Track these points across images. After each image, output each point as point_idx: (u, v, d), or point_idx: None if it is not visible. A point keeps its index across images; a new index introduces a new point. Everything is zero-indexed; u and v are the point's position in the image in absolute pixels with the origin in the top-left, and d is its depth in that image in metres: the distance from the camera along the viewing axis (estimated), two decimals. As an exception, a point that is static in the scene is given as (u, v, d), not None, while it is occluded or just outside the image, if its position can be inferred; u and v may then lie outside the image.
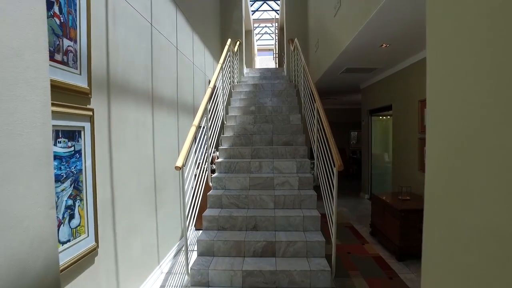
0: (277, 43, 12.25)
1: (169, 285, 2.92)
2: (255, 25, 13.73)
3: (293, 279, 2.70)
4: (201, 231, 3.31)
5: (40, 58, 1.02)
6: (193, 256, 3.40)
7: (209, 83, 5.33)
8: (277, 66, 11.82)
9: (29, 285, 0.96)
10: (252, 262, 2.84)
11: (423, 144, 4.15)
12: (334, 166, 2.78)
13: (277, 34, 12.14)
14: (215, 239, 3.01)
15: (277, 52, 12.19)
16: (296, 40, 6.35)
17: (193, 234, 4.21)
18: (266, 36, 15.87)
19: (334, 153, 2.83)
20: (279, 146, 4.30)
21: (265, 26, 14.73)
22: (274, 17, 12.61)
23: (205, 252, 3.01)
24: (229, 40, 6.09)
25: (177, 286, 2.87)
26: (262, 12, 13.13)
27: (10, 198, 0.91)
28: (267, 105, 5.40)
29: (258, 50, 16.54)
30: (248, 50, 10.90)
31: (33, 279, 0.98)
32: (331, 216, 2.95)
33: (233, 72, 6.31)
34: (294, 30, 7.69)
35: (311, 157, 4.16)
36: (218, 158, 4.27)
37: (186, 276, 2.95)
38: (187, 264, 2.82)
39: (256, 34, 14.97)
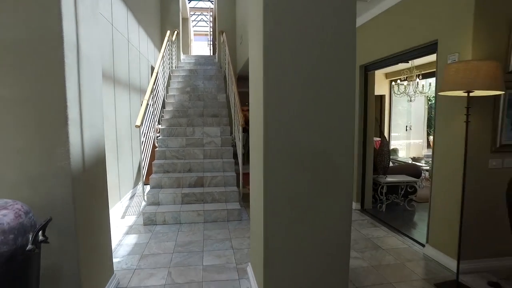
0: (211, 30, 13.48)
1: (132, 205, 4.32)
2: (192, 13, 14.73)
3: (215, 197, 4.29)
4: (152, 175, 4.70)
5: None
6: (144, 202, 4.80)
7: (151, 68, 6.59)
8: (211, 53, 13.10)
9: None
10: (188, 189, 4.36)
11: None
12: (241, 125, 4.40)
13: (211, 22, 13.36)
14: (162, 177, 4.46)
15: (211, 40, 13.44)
16: (224, 35, 7.82)
17: (141, 189, 5.56)
18: (202, 23, 16.92)
19: (239, 117, 4.44)
20: (208, 117, 5.80)
21: (201, 14, 15.79)
22: (209, 7, 13.79)
23: (156, 185, 4.44)
24: (168, 31, 7.33)
25: (138, 205, 4.30)
26: (198, 1, 14.19)
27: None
28: (200, 87, 6.83)
29: (195, 34, 17.53)
30: (184, 37, 12.00)
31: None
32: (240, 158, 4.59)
33: (171, 59, 7.56)
34: (224, 22, 9.06)
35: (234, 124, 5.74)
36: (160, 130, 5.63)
37: (143, 201, 4.37)
38: (143, 191, 4.24)
39: (193, 21, 15.95)
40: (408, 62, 3.75)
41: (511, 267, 2.72)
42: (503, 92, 2.28)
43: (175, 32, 8.27)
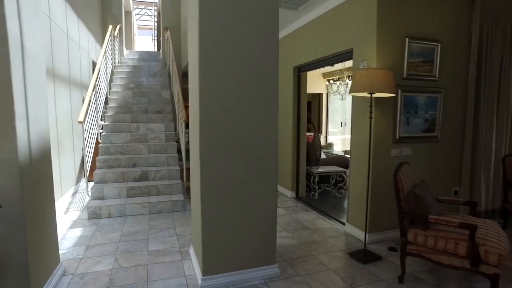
0: (155, 25, 13.28)
1: (75, 201, 4.34)
2: (135, 6, 14.35)
3: (160, 190, 4.47)
4: (96, 170, 4.72)
5: None
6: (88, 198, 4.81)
7: (93, 63, 6.48)
8: (155, 49, 12.92)
9: None
10: (133, 183, 4.48)
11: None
12: (184, 121, 4.62)
13: (155, 17, 13.17)
14: (107, 172, 4.52)
15: (156, 35, 13.25)
16: (168, 32, 7.89)
17: (84, 185, 5.51)
18: (146, 17, 16.51)
19: (183, 114, 4.66)
20: (153, 113, 5.91)
21: (145, 8, 15.43)
22: (153, 1, 13.56)
23: (100, 180, 4.49)
24: (110, 26, 7.22)
25: (82, 201, 4.32)
26: (141, -6, 13.86)
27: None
28: (144, 83, 6.87)
29: (139, 28, 17.04)
30: (128, 31, 11.70)
31: None
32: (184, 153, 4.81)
33: (114, 55, 7.45)
34: (169, 18, 9.07)
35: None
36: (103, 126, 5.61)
37: (87, 196, 4.40)
38: (87, 187, 4.28)
39: (136, 14, 15.51)
40: (333, 65, 4.26)
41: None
42: (394, 95, 2.83)
43: (118, 27, 8.13)
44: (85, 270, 2.67)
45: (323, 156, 5.86)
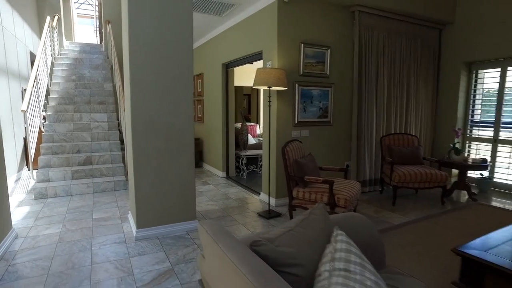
0: (97, 15, 13.14)
1: (19, 187, 4.69)
2: (74, -6, 14.00)
3: (103, 172, 4.98)
4: (40, 156, 5.08)
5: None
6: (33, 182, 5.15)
7: (31, 54, 6.64)
8: (98, 41, 12.84)
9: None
10: (77, 167, 4.94)
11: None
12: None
13: (97, 6, 13.03)
14: (51, 157, 4.92)
15: (97, 26, 13.13)
16: (110, 25, 8.16)
17: (26, 173, 5.79)
18: (86, 6, 16.12)
19: (123, 103, 5.18)
20: (95, 104, 6.30)
21: (85, -3, 15.08)
22: (93, -9, 13.35)
23: (45, 165, 4.88)
24: (48, 17, 7.33)
25: (26, 186, 4.69)
26: (81, -17, 13.59)
27: None
28: (86, 75, 7.16)
29: (79, 16, 16.55)
30: (67, 21, 11.52)
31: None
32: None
33: (54, 46, 7.57)
34: (111, 10, 9.22)
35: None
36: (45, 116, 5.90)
37: (32, 180, 4.77)
38: (32, 172, 4.66)
39: (76, 2, 15.11)
40: (252, 63, 5.05)
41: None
42: (286, 88, 3.70)
43: (56, 17, 8.19)
44: (36, 234, 3.19)
45: (255, 141, 6.70)
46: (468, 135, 5.48)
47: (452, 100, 5.37)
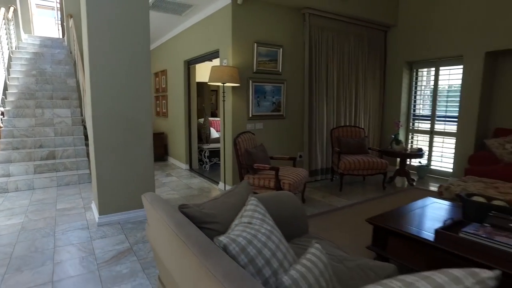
0: (58, 6, 12.78)
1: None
2: (33, -14, 13.51)
3: (67, 166, 5.09)
4: (-1, 152, 5.10)
5: None
6: (-6, 169, 5.16)
7: (-12, 49, 6.51)
8: (60, 35, 12.51)
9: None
10: (40, 162, 5.02)
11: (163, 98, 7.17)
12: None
13: None
14: (12, 152, 4.96)
15: (59, 19, 12.79)
16: (72, 20, 8.10)
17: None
18: (46, -2, 15.56)
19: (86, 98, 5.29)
20: (58, 100, 6.32)
21: (45, -12, 14.58)
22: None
23: (5, 160, 4.92)
24: (3, 9, 7.17)
25: (-14, 179, 4.72)
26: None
27: None
28: (48, 70, 7.12)
29: (38, 7, 15.94)
30: (24, 11, 11.14)
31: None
32: (89, 134, 5.45)
33: (10, 39, 7.42)
34: (72, 4, 9.07)
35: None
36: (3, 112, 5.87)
37: (-8, 175, 4.80)
38: (-7, 166, 4.70)
39: (35, -6, 14.56)
40: (211, 61, 5.31)
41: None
42: (239, 84, 4.02)
43: (12, 8, 7.98)
44: (-1, 224, 3.33)
45: (218, 135, 6.98)
46: (410, 128, 6.07)
47: (397, 96, 5.93)
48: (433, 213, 2.54)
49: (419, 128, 5.94)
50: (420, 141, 5.94)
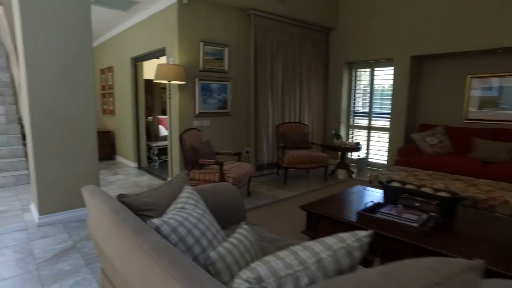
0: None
1: None
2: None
3: (2, 167, 4.79)
4: None
5: None
6: None
7: None
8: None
9: None
10: (-31, 163, 4.66)
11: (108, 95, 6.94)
12: (24, 104, 4.98)
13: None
14: None
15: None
16: (2, 8, 7.51)
17: None
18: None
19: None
20: (-10, 96, 5.88)
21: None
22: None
23: None
24: None
25: None
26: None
27: None
28: (-23, 65, 6.56)
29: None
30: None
31: None
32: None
33: None
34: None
35: (19, 104, 6.01)
36: None
37: None
38: None
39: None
40: (159, 58, 5.30)
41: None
42: (185, 82, 4.11)
43: None
44: None
45: (167, 133, 6.94)
46: (351, 124, 6.55)
47: (338, 94, 6.36)
48: (360, 199, 2.85)
49: (359, 124, 6.44)
50: (359, 136, 6.44)
